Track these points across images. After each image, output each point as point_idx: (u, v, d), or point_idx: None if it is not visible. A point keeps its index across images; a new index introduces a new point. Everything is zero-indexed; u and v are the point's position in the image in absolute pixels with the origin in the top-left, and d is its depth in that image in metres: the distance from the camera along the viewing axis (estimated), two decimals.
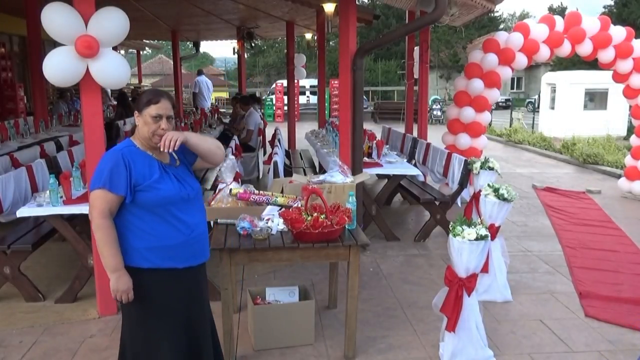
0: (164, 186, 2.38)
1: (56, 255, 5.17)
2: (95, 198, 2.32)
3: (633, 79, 7.62)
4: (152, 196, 2.35)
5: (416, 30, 7.35)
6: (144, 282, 2.39)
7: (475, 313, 3.28)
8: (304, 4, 8.71)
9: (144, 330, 2.46)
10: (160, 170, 2.42)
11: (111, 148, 2.45)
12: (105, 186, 2.29)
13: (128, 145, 2.43)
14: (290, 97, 11.85)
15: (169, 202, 2.38)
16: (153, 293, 2.42)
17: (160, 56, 40.61)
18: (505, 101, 27.74)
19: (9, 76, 11.61)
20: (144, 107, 2.41)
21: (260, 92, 27.61)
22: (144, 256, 2.37)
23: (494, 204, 3.93)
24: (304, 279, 4.66)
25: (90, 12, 3.62)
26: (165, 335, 2.45)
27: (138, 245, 2.36)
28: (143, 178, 2.35)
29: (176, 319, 2.47)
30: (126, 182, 2.31)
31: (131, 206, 2.35)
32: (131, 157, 2.37)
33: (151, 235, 2.37)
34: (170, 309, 2.45)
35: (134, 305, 2.42)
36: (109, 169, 2.31)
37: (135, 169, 2.34)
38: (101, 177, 2.31)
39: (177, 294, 2.46)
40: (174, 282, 2.45)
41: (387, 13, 33.04)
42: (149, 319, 2.44)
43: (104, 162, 2.37)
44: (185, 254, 2.45)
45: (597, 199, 7.94)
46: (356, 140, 5.39)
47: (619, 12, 28.33)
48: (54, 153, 6.45)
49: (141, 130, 2.43)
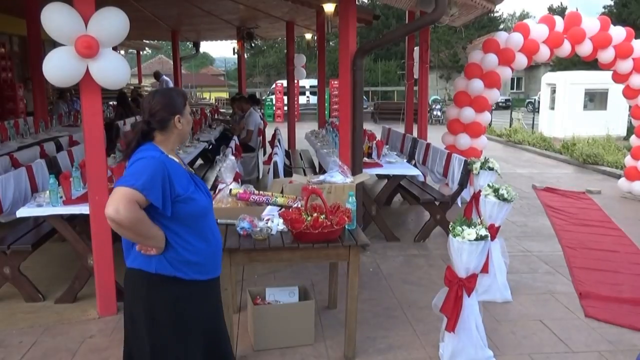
0: (199, 196, 2.27)
1: (56, 255, 5.16)
2: (127, 193, 2.06)
3: (633, 79, 7.63)
4: (192, 207, 2.23)
5: (416, 30, 7.36)
6: (178, 293, 2.27)
7: (475, 313, 3.28)
8: (304, 4, 8.70)
9: (169, 340, 2.29)
10: (191, 180, 2.29)
11: (145, 155, 2.20)
12: (143, 190, 2.08)
13: (160, 151, 2.23)
14: (290, 97, 11.84)
15: (205, 213, 2.29)
16: (185, 303, 2.28)
17: (160, 56, 40.58)
18: (505, 101, 27.75)
19: (9, 76, 11.61)
20: (183, 106, 2.30)
21: (260, 92, 27.63)
22: (179, 269, 2.24)
23: (493, 204, 3.93)
24: (304, 279, 4.66)
25: (90, 12, 3.62)
26: (189, 346, 2.32)
27: (174, 258, 2.23)
28: (183, 188, 2.20)
29: (200, 329, 2.35)
30: (163, 194, 2.13)
31: (166, 221, 2.19)
32: (170, 165, 2.20)
33: (187, 250, 2.24)
34: (198, 320, 2.34)
35: (164, 316, 2.26)
36: (149, 174, 2.11)
37: (175, 179, 2.18)
38: (139, 178, 2.09)
39: (204, 306, 2.36)
40: (203, 294, 2.34)
41: (387, 13, 33.03)
42: (178, 328, 2.29)
43: (145, 166, 2.14)
44: (213, 265, 2.37)
45: (597, 199, 7.94)
46: (356, 141, 5.38)
47: (619, 12, 28.33)
48: (53, 153, 6.45)
49: (185, 130, 2.33)
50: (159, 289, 2.24)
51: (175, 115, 2.27)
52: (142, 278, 2.24)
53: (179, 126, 2.29)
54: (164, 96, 2.29)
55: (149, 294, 2.24)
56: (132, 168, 2.17)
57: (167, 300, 2.25)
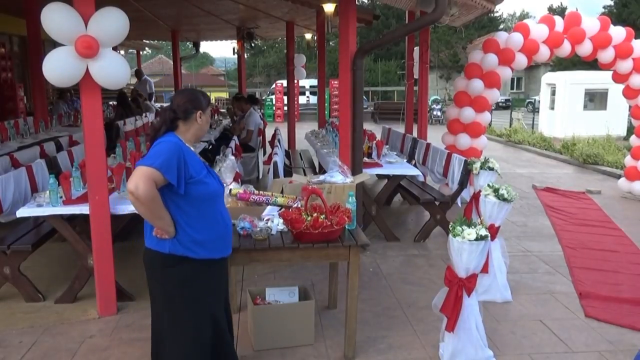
0: (211, 181, 2.57)
1: (56, 255, 5.16)
2: (147, 171, 2.35)
3: (633, 79, 7.63)
4: (203, 189, 2.50)
5: (416, 30, 7.35)
6: (191, 272, 2.53)
7: (475, 313, 3.28)
8: (304, 4, 8.70)
9: (184, 316, 2.57)
10: (204, 166, 2.60)
11: (164, 139, 2.50)
12: (160, 169, 2.36)
13: (179, 139, 2.54)
14: (290, 97, 11.84)
15: (215, 196, 2.58)
16: (196, 282, 2.55)
17: (160, 56, 40.59)
18: (505, 101, 27.75)
19: (9, 76, 11.61)
20: (207, 106, 2.63)
21: (260, 92, 27.63)
22: (190, 248, 2.50)
23: (493, 204, 3.93)
24: (304, 279, 4.66)
25: (90, 12, 3.62)
26: (202, 322, 2.59)
27: (184, 239, 2.49)
28: (196, 172, 2.49)
29: (210, 306, 2.62)
30: (178, 173, 2.41)
31: (179, 200, 2.46)
32: (186, 151, 2.51)
33: (197, 230, 2.50)
34: (207, 297, 2.60)
35: (178, 294, 2.54)
36: (167, 155, 2.41)
37: (190, 163, 2.48)
38: (158, 159, 2.38)
39: (213, 283, 2.63)
40: (212, 272, 2.60)
41: (387, 13, 33.04)
42: (191, 305, 2.56)
43: (164, 148, 2.44)
44: (223, 244, 2.64)
45: (597, 199, 7.94)
46: (356, 141, 5.38)
47: (619, 13, 28.32)
48: (53, 153, 6.45)
49: (203, 128, 2.64)
50: (172, 268, 2.52)
51: (198, 110, 2.59)
52: (157, 258, 2.54)
53: (199, 121, 2.60)
54: (191, 93, 2.64)
55: (163, 274, 2.54)
56: (152, 150, 2.48)
57: (179, 279, 2.53)
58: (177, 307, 2.56)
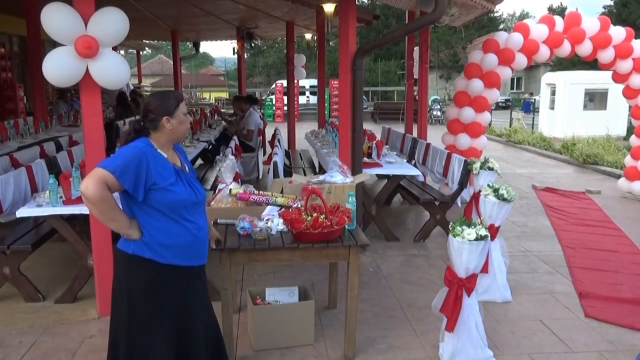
0: (178, 189, 2.48)
1: (56, 255, 5.16)
2: (99, 173, 2.32)
3: (633, 79, 7.63)
4: (168, 197, 2.44)
5: (416, 30, 7.35)
6: (153, 275, 2.47)
7: (475, 313, 3.28)
8: (304, 4, 8.70)
9: (144, 319, 2.50)
10: (175, 174, 2.51)
11: (130, 144, 2.47)
12: (114, 172, 2.32)
13: (148, 145, 2.48)
14: (290, 97, 11.84)
15: (181, 205, 2.48)
16: (160, 286, 2.49)
17: (160, 56, 40.61)
18: (505, 101, 27.75)
19: (9, 76, 11.61)
20: (175, 108, 2.51)
21: (260, 92, 27.62)
22: (156, 251, 2.45)
23: (493, 204, 3.93)
24: (303, 279, 4.66)
25: (90, 12, 3.62)
26: (161, 328, 2.51)
27: (151, 241, 2.44)
28: (161, 179, 2.42)
29: (174, 314, 2.53)
30: (135, 179, 2.35)
31: (144, 205, 2.43)
32: (152, 156, 2.44)
33: (163, 234, 2.45)
34: (169, 303, 2.52)
35: (139, 295, 2.48)
36: (124, 160, 2.36)
37: (154, 169, 2.41)
38: (114, 162, 2.35)
39: (178, 291, 2.54)
40: (178, 279, 2.53)
41: (387, 13, 33.04)
42: (152, 309, 2.50)
43: (124, 152, 2.41)
44: (191, 253, 2.55)
45: (597, 199, 7.94)
46: (356, 141, 5.38)
47: (619, 12, 28.33)
48: (53, 153, 6.45)
49: (177, 131, 2.54)
50: (135, 269, 2.47)
51: (164, 116, 2.49)
52: (122, 258, 2.49)
53: (168, 126, 2.51)
54: (157, 99, 2.55)
55: (127, 274, 2.48)
56: (114, 154, 2.49)
57: (142, 281, 2.47)
58: (139, 311, 2.47)
